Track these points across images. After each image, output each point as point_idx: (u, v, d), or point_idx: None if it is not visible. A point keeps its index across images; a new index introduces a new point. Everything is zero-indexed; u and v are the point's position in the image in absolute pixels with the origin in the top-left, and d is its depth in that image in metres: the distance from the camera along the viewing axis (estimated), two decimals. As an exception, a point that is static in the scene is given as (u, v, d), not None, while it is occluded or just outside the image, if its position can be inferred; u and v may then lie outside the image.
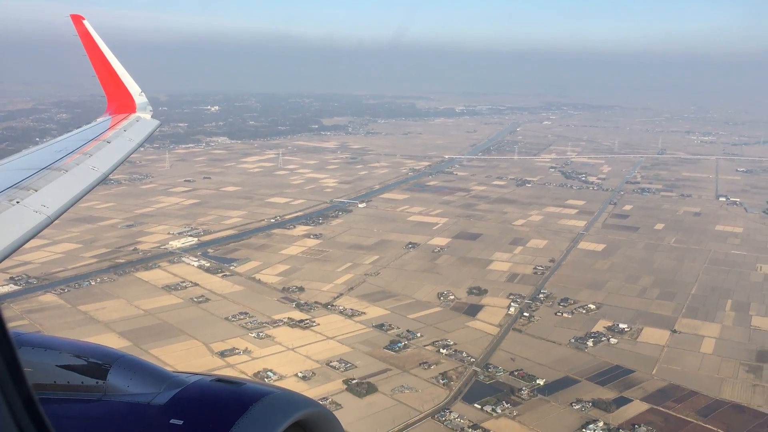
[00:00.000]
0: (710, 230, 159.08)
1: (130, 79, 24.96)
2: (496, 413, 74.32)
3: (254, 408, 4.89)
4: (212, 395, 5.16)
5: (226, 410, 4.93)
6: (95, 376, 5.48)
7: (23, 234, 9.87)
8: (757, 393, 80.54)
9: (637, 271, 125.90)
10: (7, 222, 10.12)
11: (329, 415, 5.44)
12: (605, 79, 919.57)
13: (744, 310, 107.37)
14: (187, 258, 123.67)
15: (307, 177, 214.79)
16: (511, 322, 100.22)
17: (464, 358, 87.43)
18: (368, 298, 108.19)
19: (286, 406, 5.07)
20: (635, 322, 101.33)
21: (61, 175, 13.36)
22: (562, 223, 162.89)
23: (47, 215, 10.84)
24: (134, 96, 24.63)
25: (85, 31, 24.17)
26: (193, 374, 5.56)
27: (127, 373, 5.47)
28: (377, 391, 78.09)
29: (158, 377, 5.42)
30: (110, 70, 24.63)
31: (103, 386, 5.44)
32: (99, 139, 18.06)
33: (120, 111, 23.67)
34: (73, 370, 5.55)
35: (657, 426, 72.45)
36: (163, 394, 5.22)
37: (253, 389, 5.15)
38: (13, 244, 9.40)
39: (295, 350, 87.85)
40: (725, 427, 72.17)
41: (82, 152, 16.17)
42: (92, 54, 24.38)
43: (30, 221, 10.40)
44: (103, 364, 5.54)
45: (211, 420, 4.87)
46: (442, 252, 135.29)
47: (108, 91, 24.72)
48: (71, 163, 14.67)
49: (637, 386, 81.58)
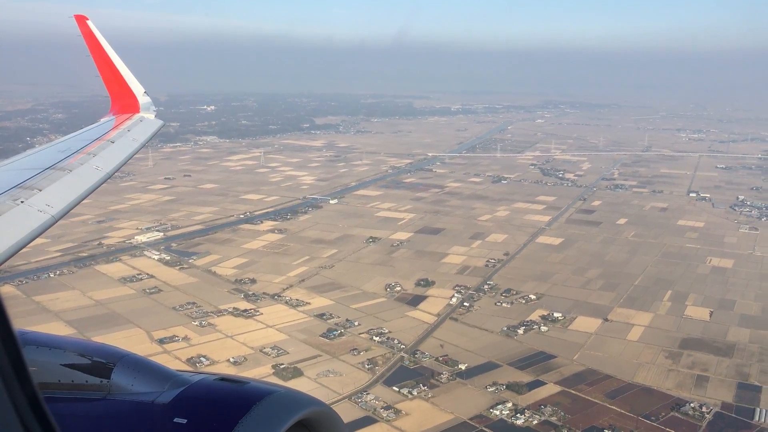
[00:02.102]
0: (671, 225, 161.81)
1: (133, 80, 25.24)
2: (412, 395, 77.98)
3: (258, 407, 4.96)
4: (216, 394, 5.23)
5: (229, 409, 4.99)
6: (99, 375, 5.56)
7: (28, 233, 9.90)
8: (670, 377, 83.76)
9: (587, 264, 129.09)
10: (12, 221, 10.14)
11: (333, 414, 5.48)
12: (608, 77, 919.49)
13: (681, 300, 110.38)
14: (149, 252, 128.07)
15: (287, 175, 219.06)
16: (449, 312, 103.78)
17: (395, 345, 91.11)
18: (317, 289, 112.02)
19: (290, 405, 5.13)
20: (571, 311, 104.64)
21: (65, 175, 13.46)
22: (527, 218, 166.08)
23: (51, 215, 10.87)
24: (138, 96, 24.87)
25: (89, 31, 24.37)
26: (197, 373, 5.68)
27: (131, 372, 5.56)
28: (303, 375, 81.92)
29: (162, 376, 5.51)
30: (114, 70, 24.87)
31: (107, 385, 5.52)
32: (103, 139, 18.13)
33: (124, 111, 23.89)
34: (78, 369, 5.61)
35: (563, 407, 75.80)
36: (167, 393, 5.30)
37: (257, 388, 5.22)
38: (18, 244, 9.43)
39: (233, 338, 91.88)
40: (628, 408, 75.46)
41: (86, 152, 16.26)
42: (96, 54, 24.64)
43: (34, 221, 10.42)
44: (107, 363, 5.62)
45: (215, 419, 4.93)
46: (400, 246, 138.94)
47: (112, 91, 24.97)
48: (75, 163, 14.79)
49: (555, 371, 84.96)
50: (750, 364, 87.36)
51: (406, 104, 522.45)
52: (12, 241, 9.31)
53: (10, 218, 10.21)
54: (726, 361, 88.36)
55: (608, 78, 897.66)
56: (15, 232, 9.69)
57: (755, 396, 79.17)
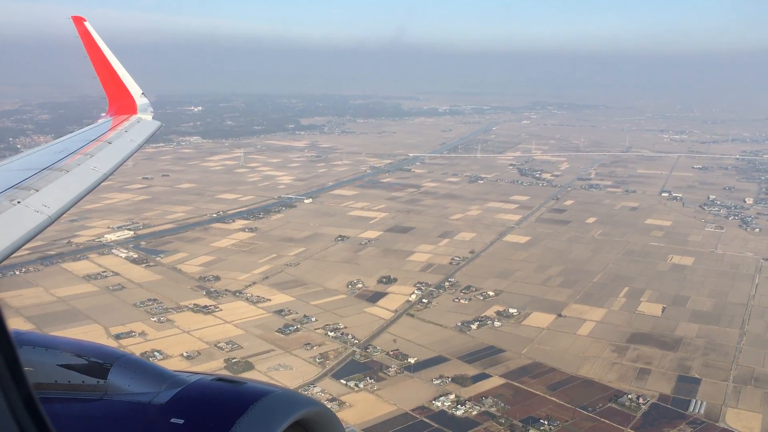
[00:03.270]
0: (639, 223, 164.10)
1: (131, 80, 25.24)
2: (358, 388, 79.80)
3: (255, 407, 4.97)
4: (213, 394, 5.26)
5: (226, 409, 4.99)
6: (96, 376, 5.56)
7: (24, 234, 9.87)
8: (612, 370, 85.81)
9: (550, 262, 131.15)
10: (8, 222, 10.12)
11: (330, 415, 5.51)
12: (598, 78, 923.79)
13: (636, 296, 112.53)
14: (117, 250, 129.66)
15: (265, 174, 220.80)
16: (407, 308, 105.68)
17: (348, 340, 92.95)
18: (279, 286, 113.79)
19: (287, 405, 5.16)
20: (526, 307, 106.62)
21: (62, 176, 13.44)
22: (498, 217, 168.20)
23: (48, 215, 10.88)
24: (135, 97, 24.88)
25: (86, 32, 24.31)
26: (194, 373, 5.66)
27: (128, 372, 5.56)
28: (253, 368, 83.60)
29: (159, 376, 5.50)
30: (111, 71, 24.85)
31: (104, 385, 5.52)
32: (100, 140, 18.16)
33: (121, 112, 23.93)
34: (74, 370, 5.61)
35: (504, 398, 77.80)
36: (164, 394, 5.30)
37: (254, 388, 5.23)
38: (14, 244, 9.38)
39: (189, 333, 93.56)
40: (568, 399, 77.48)
41: (83, 153, 16.31)
42: (93, 55, 24.57)
43: (31, 221, 10.42)
44: (104, 364, 5.62)
45: (212, 419, 4.94)
46: (368, 244, 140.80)
47: (109, 92, 24.95)
48: (72, 164, 14.79)
49: (502, 364, 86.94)
50: (693, 358, 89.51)
51: (394, 105, 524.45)
52: (8, 242, 9.25)
53: (7, 219, 10.17)
54: (670, 354, 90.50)
55: (598, 79, 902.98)
56: (11, 233, 9.63)
57: (694, 388, 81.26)
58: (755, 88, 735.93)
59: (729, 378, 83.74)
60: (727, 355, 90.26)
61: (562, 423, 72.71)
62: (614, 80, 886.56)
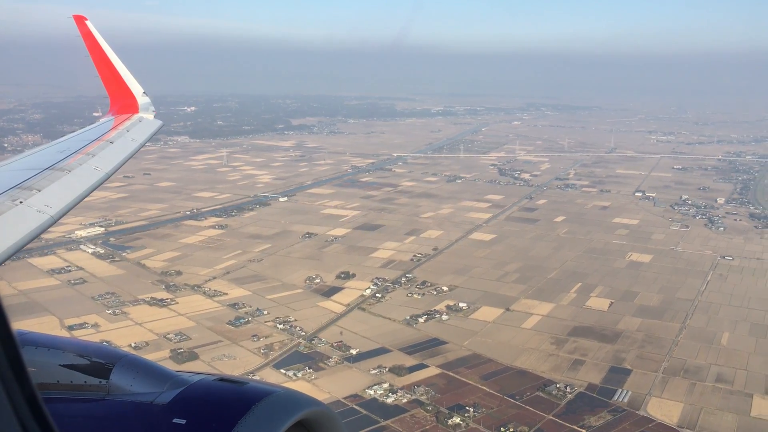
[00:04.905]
0: (606, 222, 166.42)
1: (132, 80, 25.22)
2: (296, 377, 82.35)
3: (257, 407, 5.01)
4: (215, 394, 5.29)
5: (228, 409, 5.02)
6: (98, 376, 5.60)
7: (26, 234, 9.90)
8: (548, 362, 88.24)
9: (510, 258, 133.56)
10: (11, 222, 10.13)
11: (332, 415, 5.52)
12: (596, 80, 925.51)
13: (587, 292, 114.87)
14: (85, 246, 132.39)
15: (246, 173, 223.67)
16: (360, 302, 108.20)
17: (296, 332, 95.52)
18: (239, 281, 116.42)
19: (289, 405, 5.17)
20: (477, 302, 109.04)
21: (64, 175, 13.45)
22: (468, 215, 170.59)
23: (50, 215, 10.91)
24: (137, 96, 24.81)
25: (87, 31, 24.29)
26: (196, 373, 5.67)
27: (130, 372, 5.59)
28: (197, 358, 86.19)
29: (161, 376, 5.53)
30: (113, 70, 24.82)
31: (106, 386, 5.55)
32: (102, 140, 18.20)
33: (123, 111, 23.82)
34: (77, 370, 5.64)
35: (437, 387, 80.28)
36: (166, 394, 5.33)
37: (257, 388, 5.27)
38: (17, 244, 9.39)
39: (142, 325, 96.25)
40: (497, 388, 79.96)
41: (85, 152, 16.31)
42: (95, 54, 24.54)
43: (33, 221, 10.46)
44: (106, 364, 5.65)
45: (214, 419, 4.99)
46: (335, 242, 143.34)
47: (111, 91, 24.89)
48: (74, 164, 14.78)
49: (442, 355, 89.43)
50: (629, 350, 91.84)
51: (388, 106, 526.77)
52: (11, 242, 9.30)
53: (9, 219, 10.20)
54: (607, 347, 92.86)
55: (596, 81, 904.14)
56: (14, 233, 9.69)
57: (623, 378, 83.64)
58: (753, 90, 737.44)
59: (659, 369, 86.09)
60: (662, 348, 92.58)
61: (488, 410, 75.18)
62: (612, 82, 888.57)
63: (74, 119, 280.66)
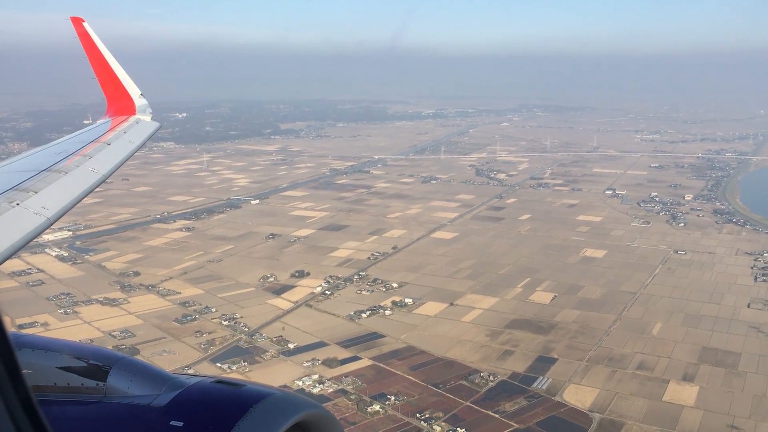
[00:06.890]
0: (570, 220, 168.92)
1: (130, 82, 25.21)
2: (231, 370, 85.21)
3: (254, 410, 5.04)
4: (212, 397, 5.32)
5: (226, 412, 5.06)
6: (95, 378, 5.62)
7: (23, 236, 9.91)
8: (479, 353, 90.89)
9: (467, 256, 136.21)
10: (7, 224, 10.14)
11: (330, 417, 5.56)
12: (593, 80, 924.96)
13: (534, 286, 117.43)
14: (50, 249, 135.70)
15: (224, 177, 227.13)
16: (308, 299, 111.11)
17: (239, 328, 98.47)
18: (194, 281, 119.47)
19: (287, 407, 5.20)
20: (423, 297, 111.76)
21: (60, 177, 13.45)
22: (435, 215, 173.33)
23: (47, 217, 10.91)
24: (134, 98, 24.81)
25: (85, 33, 24.27)
26: (193, 376, 5.73)
27: (128, 375, 5.61)
28: (138, 354, 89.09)
29: (158, 379, 5.55)
30: (110, 72, 24.79)
31: (103, 388, 5.57)
32: (99, 141, 18.20)
33: (120, 113, 23.84)
34: (74, 372, 5.66)
35: (364, 378, 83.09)
36: (164, 396, 5.35)
37: (254, 391, 5.30)
38: (13, 246, 9.39)
39: (90, 323, 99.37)
40: (423, 378, 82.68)
41: (82, 154, 16.30)
42: (92, 56, 24.51)
43: (30, 223, 10.45)
44: (103, 366, 5.67)
45: (212, 422, 5.02)
46: (296, 242, 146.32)
47: (108, 93, 24.89)
48: (71, 165, 14.76)
49: (376, 348, 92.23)
50: (560, 341, 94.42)
51: (380, 109, 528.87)
52: (7, 244, 9.30)
53: (6, 220, 10.20)
54: (540, 338, 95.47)
55: (591, 81, 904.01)
56: (10, 235, 9.69)
57: (547, 367, 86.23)
58: (749, 88, 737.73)
59: (585, 358, 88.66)
60: (593, 338, 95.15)
61: (409, 398, 77.92)
62: (606, 82, 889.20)
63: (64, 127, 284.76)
